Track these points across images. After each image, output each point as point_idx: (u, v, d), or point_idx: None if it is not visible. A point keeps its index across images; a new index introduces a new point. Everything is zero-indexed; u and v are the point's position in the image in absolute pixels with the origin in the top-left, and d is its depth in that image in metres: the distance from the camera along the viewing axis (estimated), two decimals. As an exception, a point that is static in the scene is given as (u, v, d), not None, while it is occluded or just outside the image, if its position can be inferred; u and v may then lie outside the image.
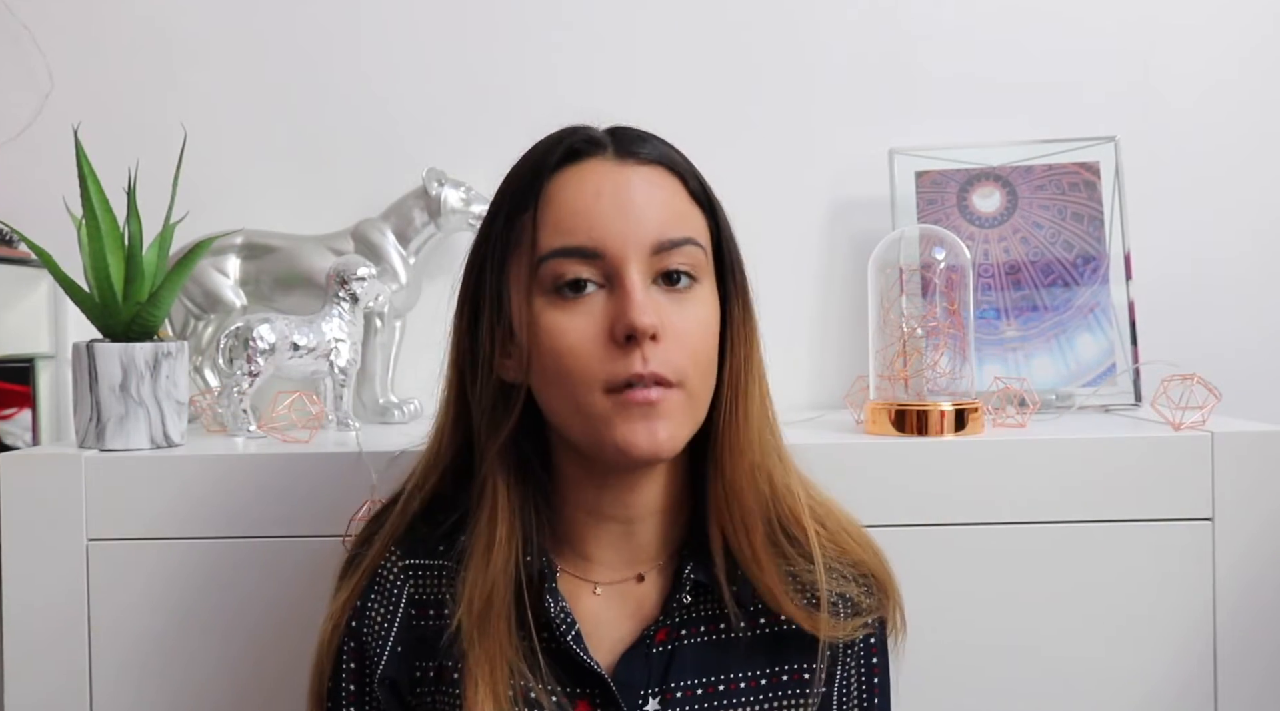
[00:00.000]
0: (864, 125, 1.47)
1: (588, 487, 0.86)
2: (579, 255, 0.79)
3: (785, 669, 0.86)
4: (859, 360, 1.33)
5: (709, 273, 0.84)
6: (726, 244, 0.86)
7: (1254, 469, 1.10)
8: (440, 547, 0.87)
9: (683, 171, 0.85)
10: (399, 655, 0.85)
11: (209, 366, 1.38)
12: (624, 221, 0.80)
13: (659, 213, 0.81)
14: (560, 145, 0.83)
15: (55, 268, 1.13)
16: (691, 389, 0.80)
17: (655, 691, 0.83)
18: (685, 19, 1.48)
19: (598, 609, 0.86)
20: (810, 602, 0.85)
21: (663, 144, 0.86)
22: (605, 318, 0.79)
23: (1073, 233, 1.39)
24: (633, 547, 0.87)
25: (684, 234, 0.81)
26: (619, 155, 0.83)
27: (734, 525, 0.84)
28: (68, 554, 1.09)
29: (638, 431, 0.78)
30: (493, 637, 0.81)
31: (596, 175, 0.82)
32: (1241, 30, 1.48)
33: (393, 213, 1.40)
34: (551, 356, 0.80)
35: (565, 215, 0.80)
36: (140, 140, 1.34)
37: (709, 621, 0.86)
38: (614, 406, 0.78)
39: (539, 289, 0.80)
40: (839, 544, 0.88)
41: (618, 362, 0.78)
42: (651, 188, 0.82)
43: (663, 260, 0.80)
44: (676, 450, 0.81)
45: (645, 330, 0.77)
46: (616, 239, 0.79)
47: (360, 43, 1.49)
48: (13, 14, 1.47)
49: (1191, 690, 1.11)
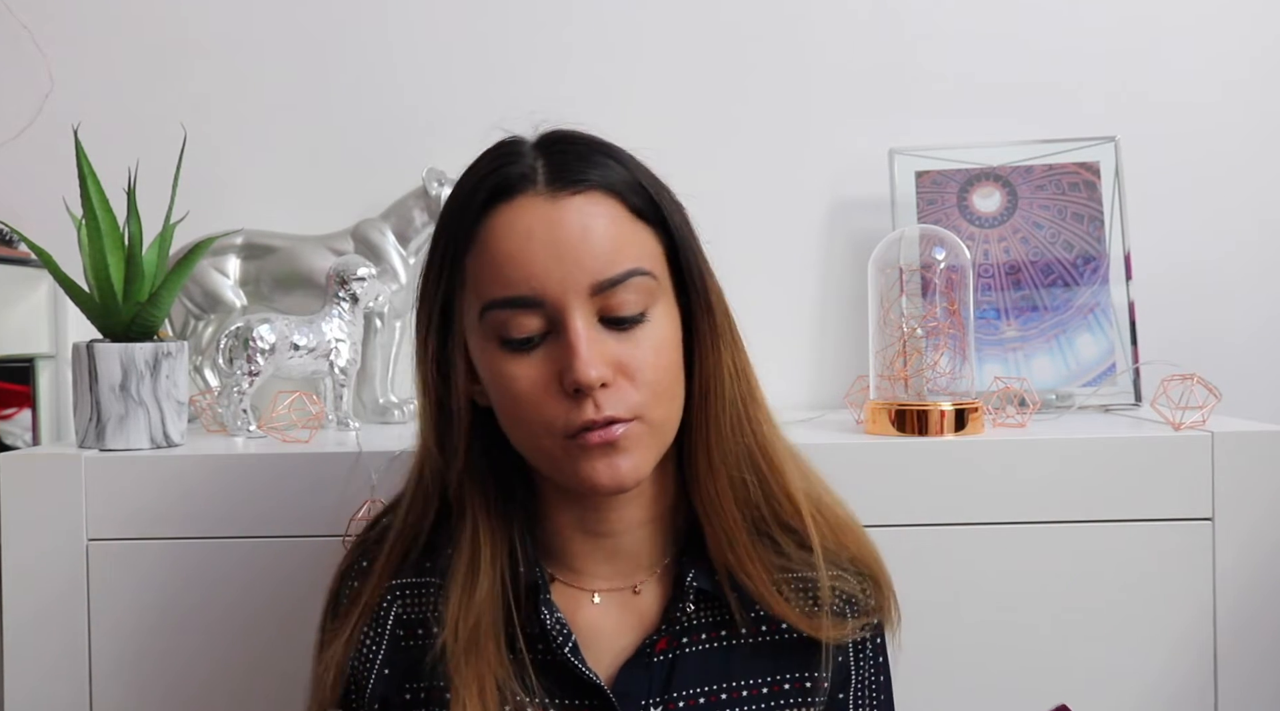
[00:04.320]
0: (864, 125, 1.47)
1: (570, 507, 0.85)
2: (519, 305, 0.77)
3: (787, 676, 0.85)
4: (859, 360, 1.33)
5: (664, 291, 0.81)
6: (684, 252, 0.82)
7: (1254, 469, 1.10)
8: (426, 564, 0.86)
9: (620, 190, 0.80)
10: (387, 677, 0.84)
11: (209, 366, 1.38)
12: (560, 264, 0.77)
13: (596, 248, 0.77)
14: (486, 182, 0.80)
15: (55, 268, 1.13)
16: (651, 419, 0.79)
17: (657, 701, 0.82)
18: (686, 20, 1.48)
19: (597, 619, 0.85)
20: (810, 604, 0.85)
21: (600, 156, 0.81)
22: (554, 363, 0.77)
23: (1073, 233, 1.39)
24: (624, 560, 0.86)
25: (625, 267, 0.78)
26: (550, 187, 0.78)
27: (717, 535, 0.83)
28: (68, 554, 1.09)
29: (598, 469, 0.78)
30: (480, 660, 0.80)
31: (527, 215, 0.78)
32: (1242, 30, 1.48)
33: (393, 213, 1.40)
34: (509, 402, 0.79)
35: (501, 261, 0.78)
36: (140, 140, 1.34)
37: (710, 628, 0.85)
38: (573, 448, 0.78)
39: (485, 331, 0.79)
40: (838, 537, 0.87)
41: (571, 411, 0.77)
42: (586, 220, 0.78)
43: (606, 300, 0.78)
44: (643, 478, 0.80)
45: (591, 385, 0.76)
46: (555, 286, 0.77)
47: (360, 43, 1.49)
48: (13, 14, 1.47)
49: (1191, 689, 1.11)
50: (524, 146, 0.82)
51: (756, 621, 0.85)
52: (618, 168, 0.81)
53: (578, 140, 0.82)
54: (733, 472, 0.83)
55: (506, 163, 0.80)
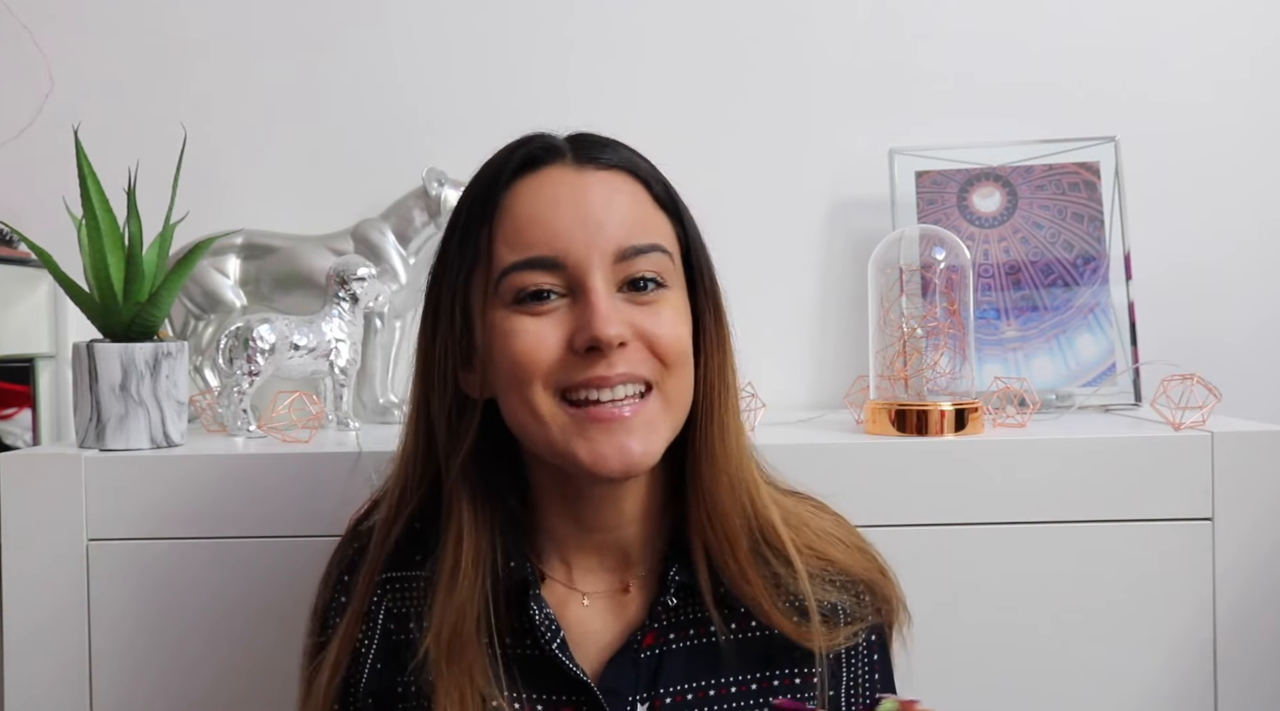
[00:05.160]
0: (864, 125, 1.47)
1: (565, 500, 0.85)
2: (540, 266, 0.77)
3: (776, 673, 0.85)
4: (859, 360, 1.33)
5: (679, 280, 0.82)
6: (696, 251, 0.84)
7: (1254, 469, 1.10)
8: (417, 557, 0.85)
9: (646, 176, 0.82)
10: (380, 671, 0.85)
11: (209, 366, 1.38)
12: (585, 228, 0.77)
13: (622, 218, 0.78)
14: (516, 153, 0.81)
15: (55, 268, 1.13)
16: (667, 391, 0.79)
17: (644, 697, 0.82)
18: (686, 20, 1.48)
19: (585, 617, 0.85)
20: (800, 613, 0.84)
21: (625, 149, 0.83)
22: (567, 327, 0.77)
23: (1073, 233, 1.39)
24: (616, 555, 0.86)
25: (649, 240, 0.79)
26: (578, 161, 0.80)
27: (717, 541, 0.82)
28: (68, 554, 1.09)
29: (606, 450, 0.77)
30: (463, 663, 0.79)
31: (555, 182, 0.79)
32: (1242, 30, 1.48)
33: (393, 213, 1.40)
34: (506, 361, 0.78)
35: (524, 225, 0.78)
36: (140, 140, 1.34)
37: (698, 625, 0.85)
38: (578, 421, 0.77)
39: (500, 301, 0.79)
40: (824, 554, 0.86)
41: (576, 370, 0.76)
42: (613, 193, 0.79)
43: (628, 267, 0.78)
44: (653, 462, 0.79)
45: (611, 341, 0.75)
46: (579, 247, 0.77)
47: (360, 43, 1.49)
48: (13, 14, 1.47)
49: (1191, 689, 1.11)
50: (550, 134, 0.84)
51: (745, 618, 0.84)
52: (641, 160, 0.84)
53: (603, 137, 0.84)
54: (734, 474, 0.83)
55: (534, 142, 0.82)
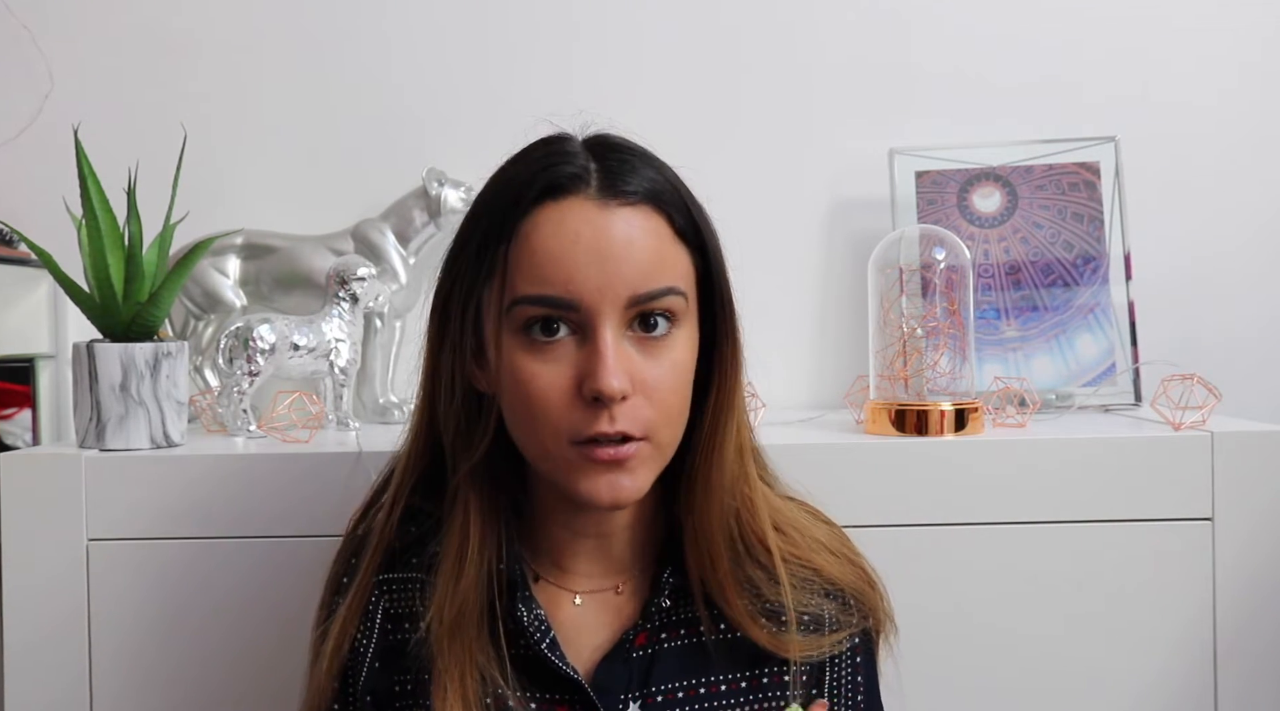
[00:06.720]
0: (864, 125, 1.47)
1: (563, 508, 0.86)
2: (553, 305, 0.77)
3: (766, 671, 0.86)
4: (859, 360, 1.33)
5: (690, 314, 0.82)
6: (717, 278, 0.83)
7: (1254, 469, 1.10)
8: (413, 560, 0.87)
9: (669, 206, 0.80)
10: (377, 670, 0.86)
11: (209, 366, 1.38)
12: (601, 272, 0.77)
13: (639, 261, 0.78)
14: (540, 178, 0.79)
15: (55, 268, 1.13)
16: (658, 440, 0.80)
17: (636, 695, 0.83)
18: (686, 20, 1.48)
19: (577, 617, 0.86)
20: (780, 624, 0.85)
21: (652, 171, 0.81)
22: (575, 368, 0.78)
23: (1073, 233, 1.39)
24: (610, 559, 0.88)
25: (663, 284, 0.79)
26: (602, 193, 0.78)
27: (701, 558, 0.84)
28: (68, 554, 1.09)
29: (600, 486, 0.78)
30: (463, 645, 0.81)
31: (576, 217, 0.78)
32: (1242, 30, 1.48)
33: (393, 213, 1.40)
34: (521, 401, 0.79)
35: (541, 260, 0.77)
36: (140, 140, 1.34)
37: (689, 624, 0.86)
38: (579, 458, 0.78)
39: (509, 323, 0.79)
40: (812, 563, 0.87)
41: (585, 419, 0.77)
42: (633, 231, 0.78)
43: (639, 308, 0.78)
44: (640, 496, 0.81)
45: (613, 395, 0.76)
46: (593, 292, 0.77)
47: (360, 43, 1.48)
48: (13, 14, 1.47)
49: (1191, 689, 1.11)
50: (574, 145, 0.82)
51: (724, 617, 0.85)
52: (667, 185, 0.81)
53: (629, 150, 0.82)
54: (725, 501, 0.84)
55: (559, 161, 0.80)
